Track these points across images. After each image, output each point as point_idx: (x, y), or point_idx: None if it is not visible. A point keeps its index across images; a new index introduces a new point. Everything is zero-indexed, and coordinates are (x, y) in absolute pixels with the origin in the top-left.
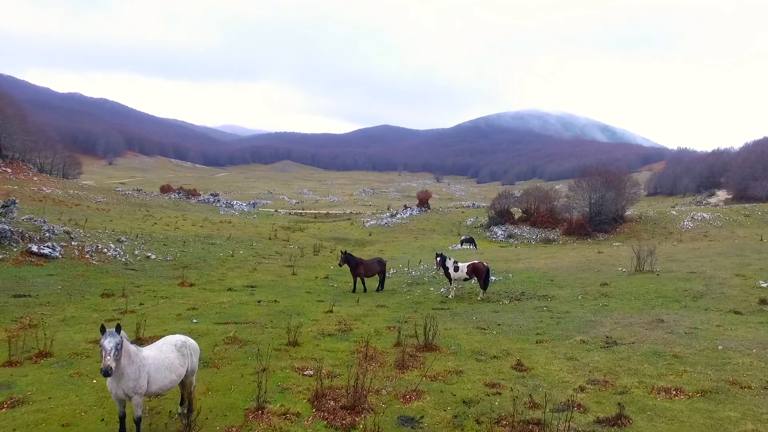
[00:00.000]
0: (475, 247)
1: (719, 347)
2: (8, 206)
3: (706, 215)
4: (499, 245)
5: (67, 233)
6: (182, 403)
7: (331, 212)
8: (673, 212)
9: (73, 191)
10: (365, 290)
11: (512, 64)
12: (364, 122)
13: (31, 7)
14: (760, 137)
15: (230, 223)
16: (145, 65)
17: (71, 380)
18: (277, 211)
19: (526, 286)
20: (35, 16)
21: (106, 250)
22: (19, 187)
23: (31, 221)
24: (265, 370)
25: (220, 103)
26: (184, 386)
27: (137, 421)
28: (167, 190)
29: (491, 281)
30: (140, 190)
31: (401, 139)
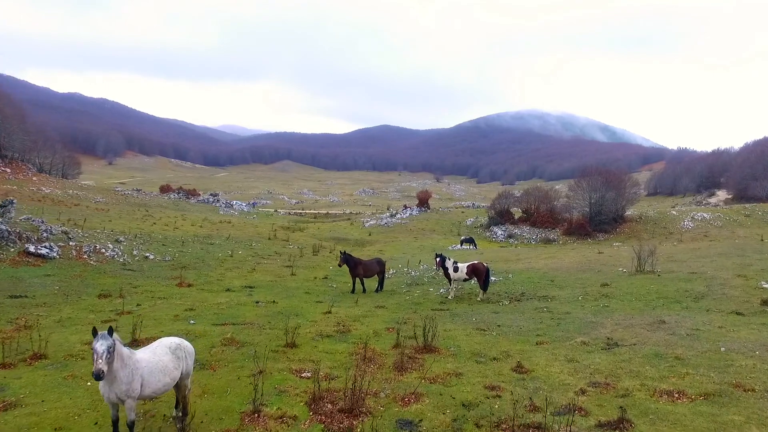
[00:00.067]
0: (475, 247)
1: (722, 349)
2: (6, 206)
3: (706, 215)
4: (499, 245)
5: (65, 233)
6: (177, 406)
7: (330, 212)
8: (673, 212)
9: (72, 191)
10: (364, 291)
11: (512, 64)
12: (364, 122)
13: (31, 7)
14: (760, 137)
15: (230, 223)
16: (145, 65)
17: (65, 383)
18: (276, 211)
19: (526, 286)
20: (35, 16)
21: (104, 250)
22: (18, 187)
23: (29, 221)
24: (262, 372)
25: (220, 103)
26: (179, 389)
27: (130, 425)
28: (167, 190)
29: (491, 282)
30: (140, 190)
31: (401, 139)
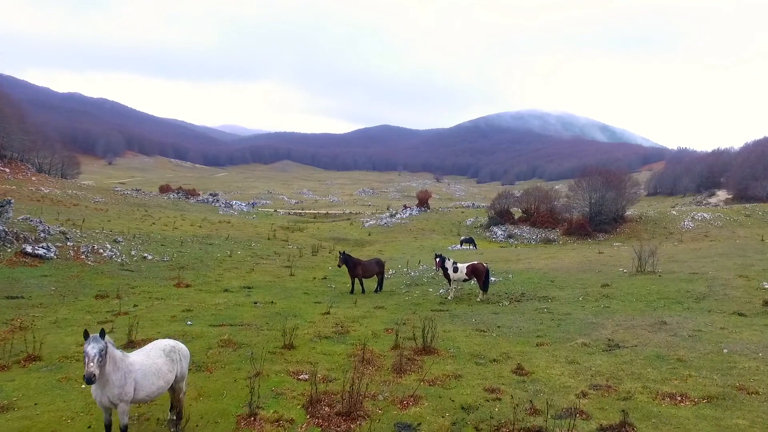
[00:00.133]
0: (474, 247)
1: (724, 351)
2: (3, 206)
3: (706, 215)
4: (498, 245)
5: (62, 233)
6: (172, 409)
7: (330, 212)
8: (673, 212)
9: (71, 191)
10: (363, 291)
11: (512, 64)
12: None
13: (31, 7)
14: (760, 137)
15: (229, 223)
16: (145, 65)
17: (59, 385)
18: (276, 211)
19: (526, 287)
20: (35, 16)
21: (102, 250)
22: (17, 186)
23: (26, 221)
24: (259, 374)
25: (220, 103)
26: (173, 392)
27: (123, 429)
28: (166, 190)
29: (491, 282)
30: (139, 189)
31: (401, 139)
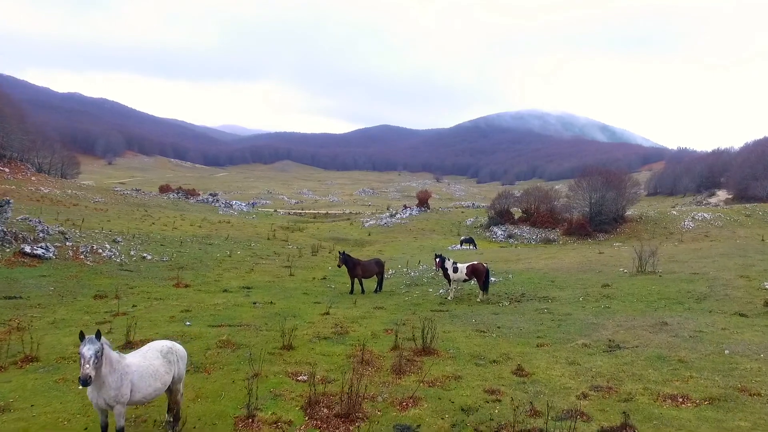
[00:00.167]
0: (474, 247)
1: (726, 352)
2: (2, 206)
3: (706, 215)
4: (499, 245)
5: (61, 233)
6: (169, 411)
7: (330, 212)
8: (673, 212)
9: (71, 191)
10: (363, 291)
11: (512, 64)
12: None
13: (31, 7)
14: (760, 137)
15: (229, 223)
16: (145, 65)
17: (56, 386)
18: (276, 211)
19: (526, 287)
20: (35, 16)
21: (101, 250)
22: (16, 186)
23: (25, 221)
24: (257, 375)
25: (220, 103)
26: (170, 394)
27: (119, 431)
28: (166, 189)
29: (491, 282)
30: (139, 189)
31: (401, 139)
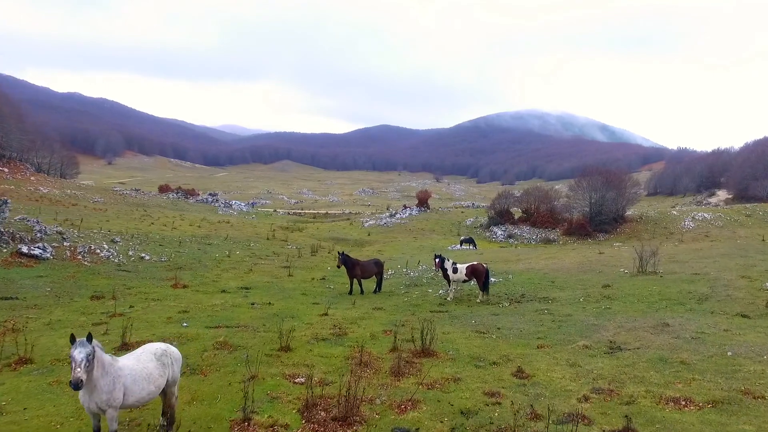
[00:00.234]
0: (474, 247)
1: (728, 353)
2: (0, 206)
3: (707, 215)
4: (498, 245)
5: (59, 233)
6: (163, 414)
7: (330, 212)
8: (673, 212)
9: (70, 191)
10: (362, 292)
11: (512, 64)
12: (364, 122)
13: (31, 7)
14: (760, 137)
15: (228, 223)
16: (145, 65)
17: (50, 389)
18: (276, 211)
19: (526, 287)
20: (35, 16)
21: (99, 250)
22: (15, 186)
23: (23, 221)
24: (254, 377)
25: (220, 103)
26: (165, 397)
27: None
28: (166, 189)
29: (491, 283)
30: (138, 189)
31: (401, 138)
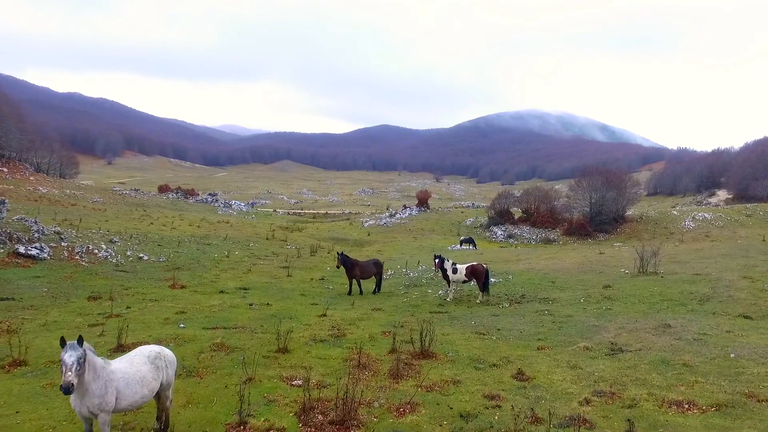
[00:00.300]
0: (474, 247)
1: (731, 355)
2: None
3: (707, 215)
4: (498, 245)
5: (57, 234)
6: (158, 418)
7: (330, 212)
8: (674, 212)
9: (69, 191)
10: (361, 292)
11: (512, 64)
12: (364, 122)
13: (31, 7)
14: (760, 137)
15: (228, 223)
16: (145, 65)
17: (43, 392)
18: (275, 211)
19: (526, 288)
20: (35, 16)
21: (96, 251)
22: (15, 186)
23: (21, 221)
24: (251, 379)
25: (219, 103)
26: (159, 400)
27: None
28: (165, 189)
29: (491, 283)
30: (138, 189)
31: (401, 138)
